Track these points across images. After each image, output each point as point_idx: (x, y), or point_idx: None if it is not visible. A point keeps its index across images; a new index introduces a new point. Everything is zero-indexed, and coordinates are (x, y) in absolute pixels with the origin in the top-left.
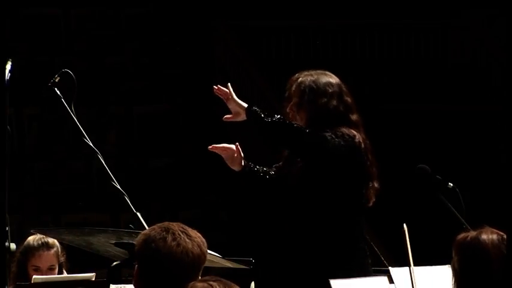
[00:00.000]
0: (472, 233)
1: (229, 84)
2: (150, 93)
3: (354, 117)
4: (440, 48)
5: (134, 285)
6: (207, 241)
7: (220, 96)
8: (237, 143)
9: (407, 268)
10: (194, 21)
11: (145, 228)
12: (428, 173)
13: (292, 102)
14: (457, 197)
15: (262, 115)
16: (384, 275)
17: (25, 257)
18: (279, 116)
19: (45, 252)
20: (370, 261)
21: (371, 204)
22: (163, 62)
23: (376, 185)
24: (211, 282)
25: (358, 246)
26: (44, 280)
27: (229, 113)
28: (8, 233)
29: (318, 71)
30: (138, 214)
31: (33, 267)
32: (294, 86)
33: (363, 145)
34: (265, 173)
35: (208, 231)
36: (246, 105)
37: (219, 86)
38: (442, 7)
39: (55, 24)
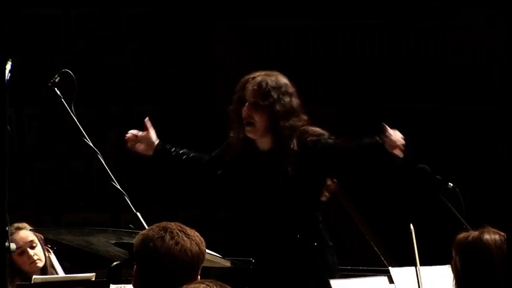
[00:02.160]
0: (474, 233)
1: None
2: (150, 93)
3: (305, 115)
4: (440, 48)
5: (133, 286)
6: (206, 241)
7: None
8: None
9: (407, 268)
10: (194, 21)
11: (145, 228)
12: (428, 173)
13: (250, 102)
14: (457, 197)
15: None
16: (384, 275)
17: None
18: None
19: (20, 232)
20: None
21: (324, 199)
22: (163, 62)
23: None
24: (207, 283)
25: (328, 243)
26: (44, 280)
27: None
28: (8, 233)
29: (271, 72)
30: (138, 214)
31: (18, 251)
32: (252, 86)
33: None
34: (181, 154)
35: (208, 231)
36: None
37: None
38: (442, 7)
39: (55, 24)
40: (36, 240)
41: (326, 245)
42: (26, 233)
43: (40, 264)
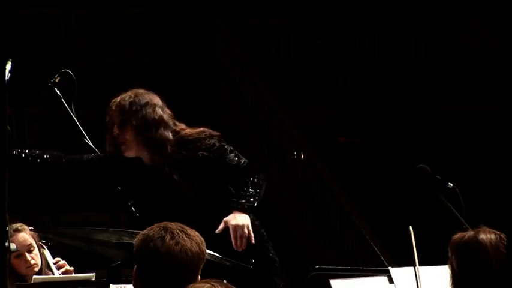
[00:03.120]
0: (470, 233)
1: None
2: None
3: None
4: (440, 48)
5: (133, 286)
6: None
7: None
8: None
9: (407, 268)
10: (194, 21)
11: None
12: (428, 173)
13: (116, 123)
14: (457, 197)
15: (252, 204)
16: (384, 275)
17: None
18: (254, 193)
19: (19, 235)
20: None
21: None
22: (164, 62)
23: None
24: (212, 283)
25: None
26: (44, 280)
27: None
28: (8, 233)
29: (134, 90)
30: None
31: (15, 254)
32: (114, 109)
33: None
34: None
35: None
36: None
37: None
38: (442, 7)
39: (55, 24)
40: (34, 244)
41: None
42: (25, 236)
43: (36, 268)
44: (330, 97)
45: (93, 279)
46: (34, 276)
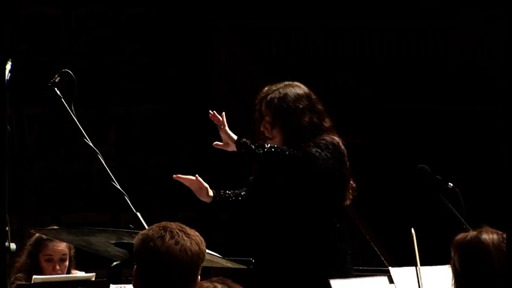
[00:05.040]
0: (472, 233)
1: (223, 113)
2: (150, 93)
3: (327, 123)
4: (440, 48)
5: (133, 286)
6: (207, 242)
7: (214, 122)
8: (196, 175)
9: (407, 268)
10: (194, 21)
11: (145, 228)
12: (428, 173)
13: (264, 121)
14: (457, 197)
15: (253, 147)
16: (384, 275)
17: (37, 248)
18: (269, 146)
19: (59, 243)
20: (351, 265)
21: (349, 202)
22: (163, 62)
23: (353, 184)
24: (216, 284)
25: (336, 249)
26: (44, 280)
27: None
28: (8, 233)
29: (285, 83)
30: (138, 214)
31: (46, 257)
32: (264, 104)
33: (344, 148)
34: (237, 195)
35: (209, 232)
36: (235, 137)
37: (214, 112)
38: (442, 7)
39: (55, 24)
40: (68, 257)
41: (336, 251)
42: (62, 246)
43: None
44: (330, 97)
45: (93, 279)
46: (34, 276)
